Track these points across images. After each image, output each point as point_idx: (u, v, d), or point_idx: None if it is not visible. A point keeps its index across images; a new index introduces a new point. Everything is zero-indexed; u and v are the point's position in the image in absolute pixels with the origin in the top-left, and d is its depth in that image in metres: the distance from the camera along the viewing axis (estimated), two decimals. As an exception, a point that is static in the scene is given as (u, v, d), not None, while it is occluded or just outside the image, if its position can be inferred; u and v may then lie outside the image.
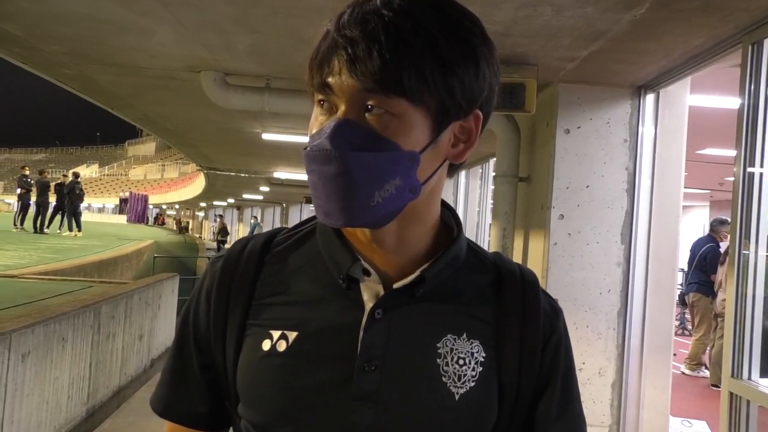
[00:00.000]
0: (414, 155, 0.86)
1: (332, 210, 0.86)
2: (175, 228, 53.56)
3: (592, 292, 4.71)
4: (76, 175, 19.47)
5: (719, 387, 3.69)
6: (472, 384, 0.91)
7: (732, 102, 4.28)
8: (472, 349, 0.92)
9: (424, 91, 0.83)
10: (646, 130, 4.72)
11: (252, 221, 35.43)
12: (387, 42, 0.82)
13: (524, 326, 0.96)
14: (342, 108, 0.85)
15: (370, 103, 0.84)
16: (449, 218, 1.00)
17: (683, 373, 8.38)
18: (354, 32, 0.83)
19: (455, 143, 0.92)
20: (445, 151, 0.91)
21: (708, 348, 8.32)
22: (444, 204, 1.00)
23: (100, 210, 75.87)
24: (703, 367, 8.36)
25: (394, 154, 0.84)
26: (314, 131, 0.88)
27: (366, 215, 0.86)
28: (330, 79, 0.85)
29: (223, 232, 34.60)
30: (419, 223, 0.94)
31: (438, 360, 0.90)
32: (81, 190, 18.52)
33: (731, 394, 3.37)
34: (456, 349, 0.92)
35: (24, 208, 18.26)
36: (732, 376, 3.37)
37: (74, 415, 4.78)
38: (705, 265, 8.42)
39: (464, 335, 0.93)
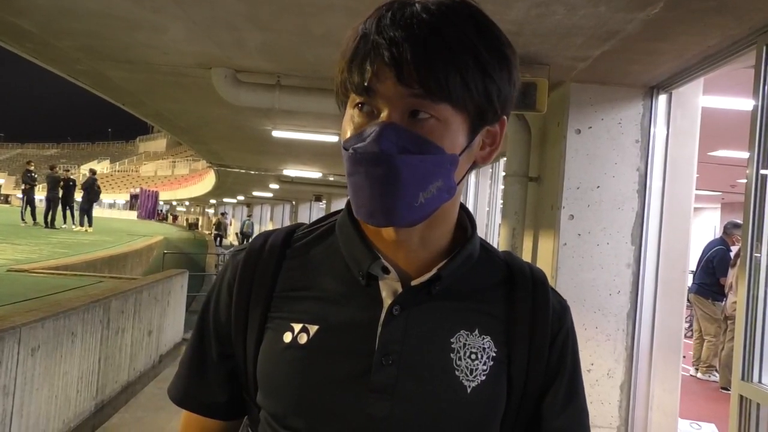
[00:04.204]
0: (454, 158, 0.90)
1: (377, 210, 0.88)
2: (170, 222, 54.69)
3: (602, 293, 4.70)
4: (93, 172, 19.60)
5: (729, 390, 3.67)
6: (483, 378, 0.94)
7: (745, 103, 4.25)
8: (483, 344, 0.96)
9: (466, 97, 0.87)
10: (658, 131, 4.69)
11: (245, 219, 38.07)
12: (433, 49, 0.84)
13: (534, 323, 0.99)
14: (387, 112, 0.87)
15: (417, 108, 0.86)
16: (463, 218, 1.03)
17: (692, 375, 8.34)
18: (398, 37, 0.84)
19: (483, 146, 0.96)
20: (475, 154, 0.95)
21: (719, 350, 8.28)
22: (460, 204, 1.03)
23: (111, 206, 76.21)
24: (715, 370, 8.32)
25: (438, 157, 0.88)
26: (351, 133, 0.89)
27: (409, 215, 0.89)
28: (373, 84, 0.86)
29: (217, 226, 37.63)
30: (444, 223, 0.98)
31: (452, 355, 0.94)
32: (98, 186, 18.63)
33: (741, 397, 3.35)
34: (468, 344, 0.95)
35: (30, 202, 18.09)
36: (742, 379, 3.35)
37: (83, 410, 4.81)
38: (712, 267, 8.37)
39: (476, 331, 0.96)
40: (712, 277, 8.33)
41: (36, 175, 17.94)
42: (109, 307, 5.27)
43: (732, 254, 8.12)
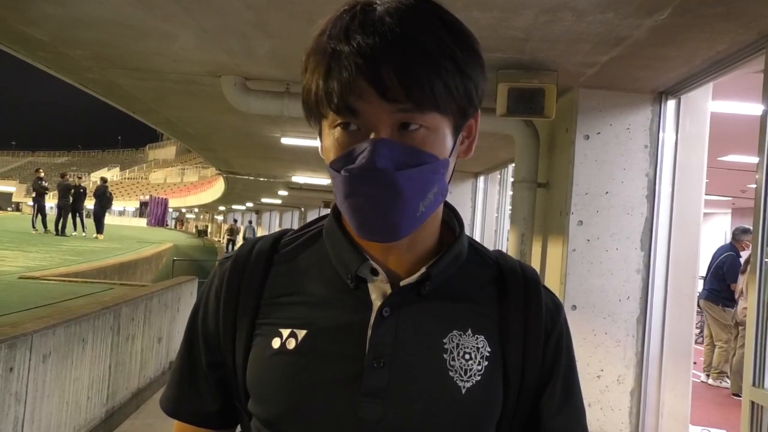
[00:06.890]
0: (446, 162, 0.90)
1: (380, 227, 0.87)
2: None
3: (611, 299, 4.68)
4: (104, 180, 19.73)
5: (740, 396, 3.65)
6: (478, 378, 0.93)
7: (755, 108, 4.24)
8: (477, 344, 0.95)
9: (451, 102, 0.86)
10: (667, 136, 4.68)
11: (247, 224, 39.81)
12: (415, 60, 0.83)
13: (527, 321, 0.98)
14: (377, 129, 0.85)
15: (406, 121, 0.85)
16: (450, 217, 1.03)
17: (703, 381, 8.30)
18: (373, 50, 0.82)
19: (462, 141, 0.96)
20: (457, 150, 0.95)
21: (730, 356, 8.24)
22: (445, 203, 1.02)
23: (121, 213, 76.47)
24: (726, 376, 8.27)
25: (433, 164, 0.87)
26: (338, 154, 0.87)
27: (411, 227, 0.89)
28: (357, 104, 0.84)
29: (229, 231, 38.89)
30: (431, 222, 0.96)
31: (445, 355, 0.93)
32: (110, 194, 18.72)
33: (752, 403, 3.33)
34: (462, 344, 0.94)
35: (41, 210, 18.16)
36: (753, 385, 3.33)
37: (93, 416, 4.82)
38: (722, 273, 8.33)
39: (469, 331, 0.95)
40: (722, 282, 8.29)
41: (46, 183, 17.99)
42: (119, 313, 5.30)
43: (742, 260, 8.08)
